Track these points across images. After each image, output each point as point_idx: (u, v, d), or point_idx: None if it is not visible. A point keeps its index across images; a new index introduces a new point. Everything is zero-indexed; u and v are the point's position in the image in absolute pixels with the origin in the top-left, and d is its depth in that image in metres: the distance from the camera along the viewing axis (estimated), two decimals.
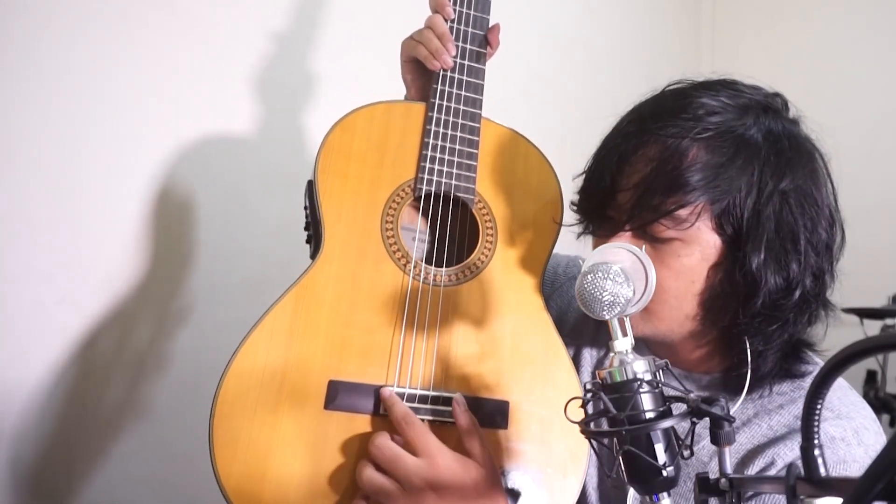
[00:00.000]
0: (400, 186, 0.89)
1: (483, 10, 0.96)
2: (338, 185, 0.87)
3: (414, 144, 0.91)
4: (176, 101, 1.27)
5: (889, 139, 2.30)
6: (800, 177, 0.75)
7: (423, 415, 0.80)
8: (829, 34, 2.50)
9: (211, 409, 0.75)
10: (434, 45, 0.91)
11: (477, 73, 0.95)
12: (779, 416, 0.79)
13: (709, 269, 0.76)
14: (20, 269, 1.10)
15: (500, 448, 0.82)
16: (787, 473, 0.43)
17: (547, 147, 0.97)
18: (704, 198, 0.73)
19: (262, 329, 0.80)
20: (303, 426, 0.77)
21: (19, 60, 1.10)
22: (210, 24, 1.32)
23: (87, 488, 1.16)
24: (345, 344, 0.81)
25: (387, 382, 0.81)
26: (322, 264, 0.84)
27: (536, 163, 0.96)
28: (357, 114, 0.91)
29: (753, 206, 0.73)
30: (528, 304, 0.90)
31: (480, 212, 0.91)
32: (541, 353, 0.88)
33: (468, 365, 0.84)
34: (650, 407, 0.59)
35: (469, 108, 0.93)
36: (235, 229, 1.34)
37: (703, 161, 0.73)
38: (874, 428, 0.77)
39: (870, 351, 0.36)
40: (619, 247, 0.69)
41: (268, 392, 0.77)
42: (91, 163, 1.17)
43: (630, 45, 2.33)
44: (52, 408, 1.12)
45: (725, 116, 0.75)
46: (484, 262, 0.89)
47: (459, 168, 0.91)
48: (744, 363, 0.78)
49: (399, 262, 0.86)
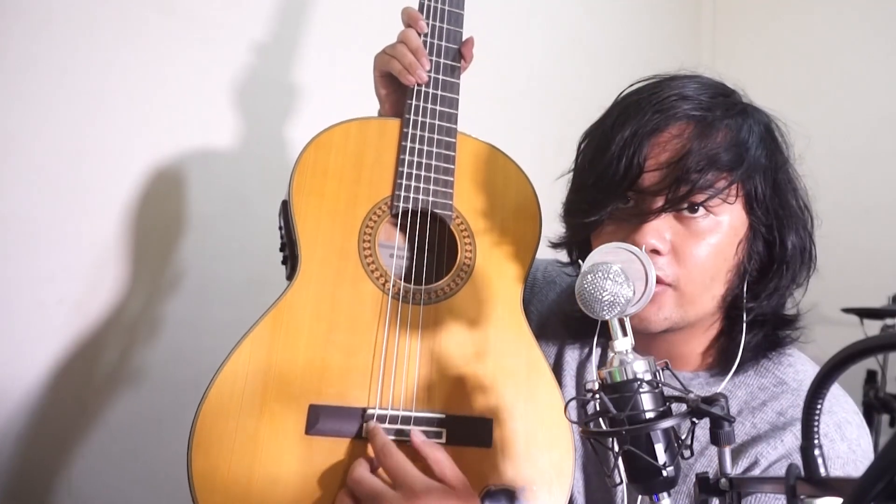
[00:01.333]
0: (377, 204, 0.88)
1: (456, 23, 0.96)
2: (313, 205, 0.86)
3: (390, 161, 0.90)
4: (176, 101, 1.27)
5: (889, 139, 2.30)
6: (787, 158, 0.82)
7: (405, 436, 0.79)
8: (829, 34, 2.50)
9: (189, 438, 0.73)
10: (408, 60, 0.90)
11: (451, 87, 0.94)
12: (762, 413, 0.79)
13: (737, 245, 0.78)
14: (20, 269, 1.10)
15: (484, 466, 0.81)
16: (787, 473, 0.43)
17: (546, 147, 0.98)
18: (736, 175, 0.75)
19: (241, 354, 0.78)
20: (284, 452, 0.76)
21: (19, 60, 1.10)
22: (210, 24, 1.32)
23: (86, 488, 1.16)
24: (325, 366, 0.80)
25: (368, 404, 0.80)
26: (300, 286, 0.82)
27: (515, 177, 0.95)
28: (331, 131, 0.90)
29: (773, 184, 0.78)
30: (509, 320, 0.89)
31: (458, 227, 0.90)
32: (523, 369, 0.87)
33: (450, 383, 0.83)
34: (650, 407, 0.59)
35: (444, 122, 0.92)
36: (235, 229, 1.34)
37: (731, 139, 0.76)
38: (856, 421, 0.77)
39: (870, 351, 0.36)
40: (619, 247, 0.68)
41: (247, 418, 0.76)
42: (91, 163, 1.17)
43: (630, 45, 2.33)
44: (51, 407, 1.12)
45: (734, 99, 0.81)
46: (463, 278, 0.89)
47: (436, 184, 0.90)
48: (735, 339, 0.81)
49: (377, 281, 0.85)
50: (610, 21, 2.29)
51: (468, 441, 0.81)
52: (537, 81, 1.98)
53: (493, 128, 1.01)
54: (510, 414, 0.84)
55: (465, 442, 0.81)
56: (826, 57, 2.48)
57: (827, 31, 2.51)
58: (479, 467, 0.81)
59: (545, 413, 0.86)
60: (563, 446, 0.84)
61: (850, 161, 2.25)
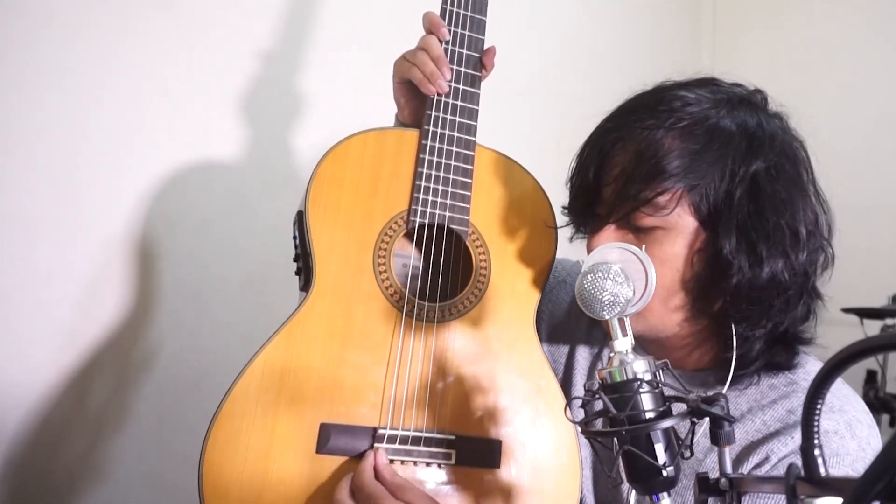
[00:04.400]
0: (393, 218, 0.87)
1: (478, 30, 0.93)
2: (329, 218, 0.85)
3: (407, 173, 0.89)
4: (176, 100, 1.27)
5: (889, 139, 2.30)
6: (774, 164, 0.76)
7: (415, 457, 0.79)
8: (830, 34, 2.50)
9: (200, 455, 0.73)
10: (429, 69, 0.88)
11: (472, 98, 0.92)
12: (772, 410, 0.79)
13: (692, 255, 0.77)
14: (20, 269, 1.10)
15: (492, 488, 0.81)
16: (787, 473, 0.43)
17: (547, 147, 0.97)
18: (682, 184, 0.75)
19: (253, 370, 0.78)
20: (295, 471, 0.76)
21: (19, 60, 1.10)
22: (212, 23, 1.32)
23: (87, 488, 1.16)
24: (336, 385, 0.80)
25: (379, 424, 0.80)
26: (314, 301, 0.82)
27: (531, 191, 0.94)
28: (349, 142, 0.88)
29: (726, 191, 0.75)
30: (522, 340, 0.88)
31: (474, 244, 0.89)
32: (534, 389, 0.86)
33: (460, 404, 0.83)
34: (650, 407, 0.59)
35: (464, 134, 0.91)
36: (235, 229, 1.34)
37: (678, 149, 0.75)
38: (867, 421, 0.77)
39: (870, 351, 0.36)
40: (619, 247, 0.69)
41: (259, 436, 0.76)
42: (91, 163, 1.17)
43: (630, 45, 2.33)
44: (52, 408, 1.12)
45: (700, 107, 0.77)
46: (477, 296, 0.88)
47: (453, 199, 0.89)
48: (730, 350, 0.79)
49: (392, 298, 0.85)
50: (610, 21, 2.29)
51: (477, 462, 0.81)
52: (537, 81, 1.98)
53: (493, 128, 1.01)
54: (519, 436, 0.84)
55: (474, 463, 0.81)
56: (826, 57, 2.48)
57: (827, 31, 2.51)
58: (487, 488, 0.81)
59: (554, 436, 0.85)
60: (570, 470, 0.84)
61: (850, 161, 2.24)
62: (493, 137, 0.96)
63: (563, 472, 0.84)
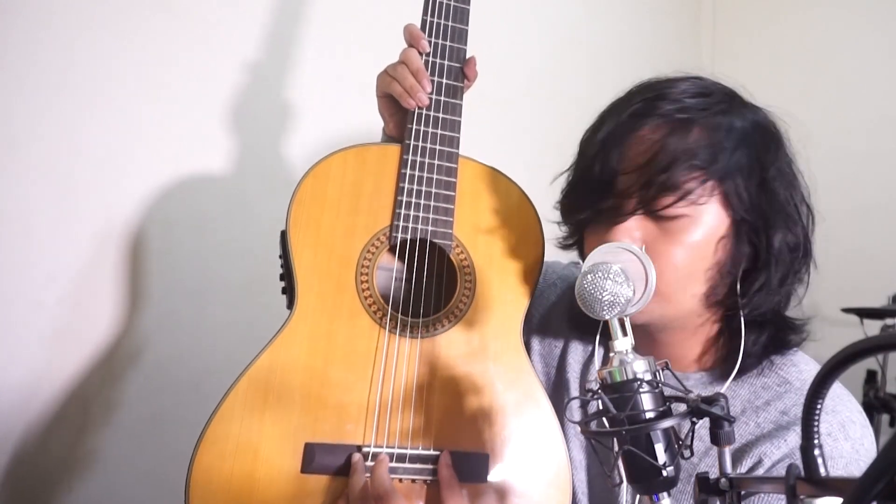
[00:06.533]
0: (375, 234, 0.87)
1: (460, 40, 0.92)
2: (311, 237, 0.85)
3: (389, 189, 0.88)
4: (176, 101, 1.27)
5: (889, 139, 2.30)
6: (781, 156, 0.80)
7: (401, 474, 0.79)
8: (830, 34, 2.50)
9: (186, 479, 0.74)
10: (409, 83, 0.88)
11: (453, 109, 0.91)
12: (765, 412, 0.79)
13: (716, 244, 0.77)
14: (20, 269, 1.10)
15: (480, 502, 0.81)
16: (787, 473, 0.43)
17: (547, 147, 0.97)
18: (711, 174, 0.75)
19: (237, 393, 0.78)
20: (280, 491, 0.76)
21: (19, 60, 1.10)
22: (211, 23, 1.32)
23: (86, 488, 1.16)
24: (321, 403, 0.80)
25: (364, 442, 0.80)
26: (297, 321, 0.82)
27: (517, 201, 0.93)
28: (329, 160, 0.88)
29: (760, 183, 0.77)
30: (507, 352, 0.87)
31: (458, 257, 0.89)
32: (520, 402, 0.86)
33: (446, 419, 0.83)
34: (650, 407, 0.59)
35: (445, 147, 0.90)
36: (235, 229, 1.34)
37: (706, 139, 0.76)
38: (860, 420, 0.77)
39: (870, 351, 0.36)
40: (619, 247, 0.69)
41: (244, 457, 0.76)
42: (91, 163, 1.17)
43: (630, 45, 2.33)
44: (52, 407, 1.12)
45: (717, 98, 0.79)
46: (462, 309, 0.87)
47: (436, 213, 0.88)
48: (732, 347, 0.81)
49: (375, 315, 0.84)
50: (610, 21, 2.29)
51: (464, 477, 0.80)
52: (537, 81, 1.98)
53: (492, 128, 1.01)
54: (506, 449, 0.83)
55: (461, 478, 0.80)
56: (826, 57, 2.48)
57: (827, 31, 2.51)
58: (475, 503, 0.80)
59: (542, 447, 0.85)
60: (559, 481, 0.84)
61: (850, 161, 2.24)
62: (494, 137, 0.96)
63: (552, 484, 0.83)
